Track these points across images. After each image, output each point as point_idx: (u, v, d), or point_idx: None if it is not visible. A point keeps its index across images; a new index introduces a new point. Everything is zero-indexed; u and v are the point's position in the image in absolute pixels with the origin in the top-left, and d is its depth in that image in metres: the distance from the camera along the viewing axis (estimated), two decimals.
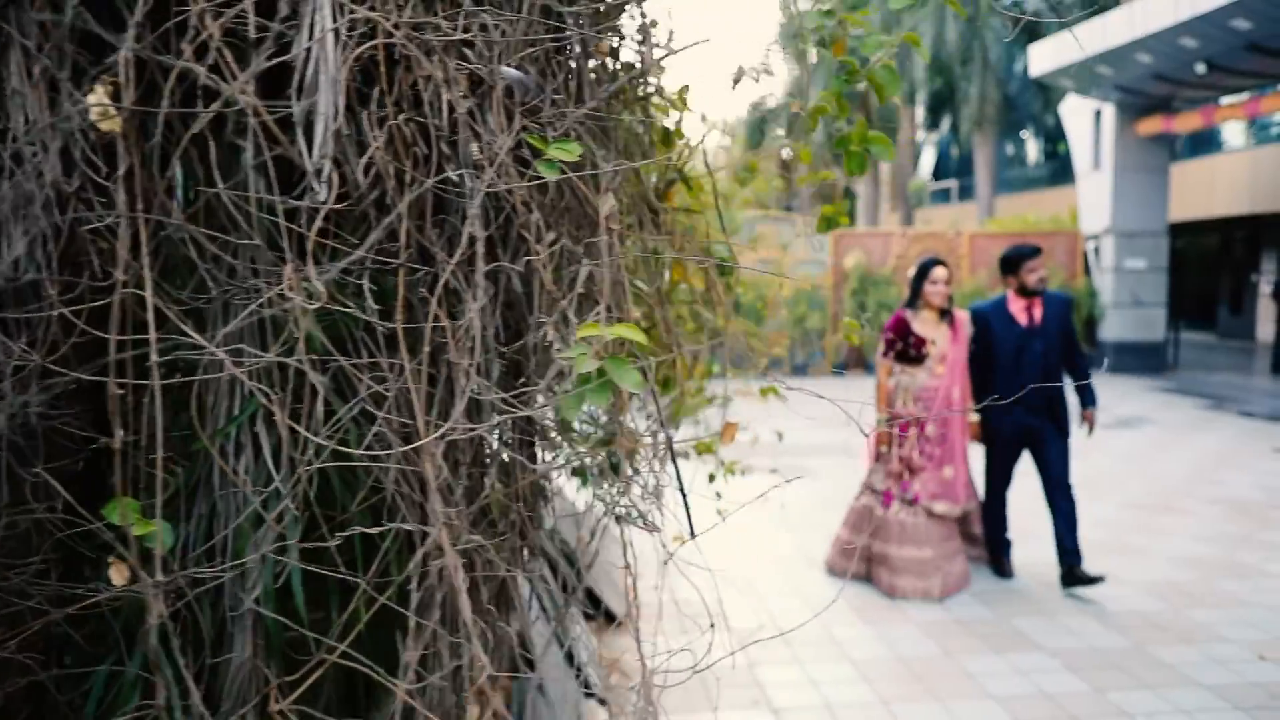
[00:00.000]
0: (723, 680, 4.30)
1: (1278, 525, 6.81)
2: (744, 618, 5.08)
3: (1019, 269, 5.46)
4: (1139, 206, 16.61)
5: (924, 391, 5.48)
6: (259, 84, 1.13)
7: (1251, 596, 5.32)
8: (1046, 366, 5.42)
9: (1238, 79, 14.41)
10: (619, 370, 1.00)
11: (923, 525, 5.40)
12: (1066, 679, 4.26)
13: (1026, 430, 5.49)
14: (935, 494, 5.44)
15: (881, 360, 5.60)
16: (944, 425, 5.46)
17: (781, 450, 9.93)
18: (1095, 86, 15.85)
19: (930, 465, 5.45)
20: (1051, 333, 5.45)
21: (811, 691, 4.18)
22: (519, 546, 1.67)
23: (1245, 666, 4.38)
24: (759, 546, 6.39)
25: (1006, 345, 5.47)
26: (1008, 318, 5.52)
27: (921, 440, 5.47)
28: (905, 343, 5.49)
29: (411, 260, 1.15)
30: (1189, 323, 26.83)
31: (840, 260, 17.35)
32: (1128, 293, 16.66)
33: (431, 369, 1.12)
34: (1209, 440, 10.26)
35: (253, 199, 1.14)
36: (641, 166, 1.98)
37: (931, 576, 5.34)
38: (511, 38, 1.23)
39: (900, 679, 4.30)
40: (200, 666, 1.23)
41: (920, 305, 5.51)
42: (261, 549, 1.10)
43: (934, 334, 5.48)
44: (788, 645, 4.70)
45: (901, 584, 5.36)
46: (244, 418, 1.08)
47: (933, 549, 5.38)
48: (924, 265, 5.56)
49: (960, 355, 5.51)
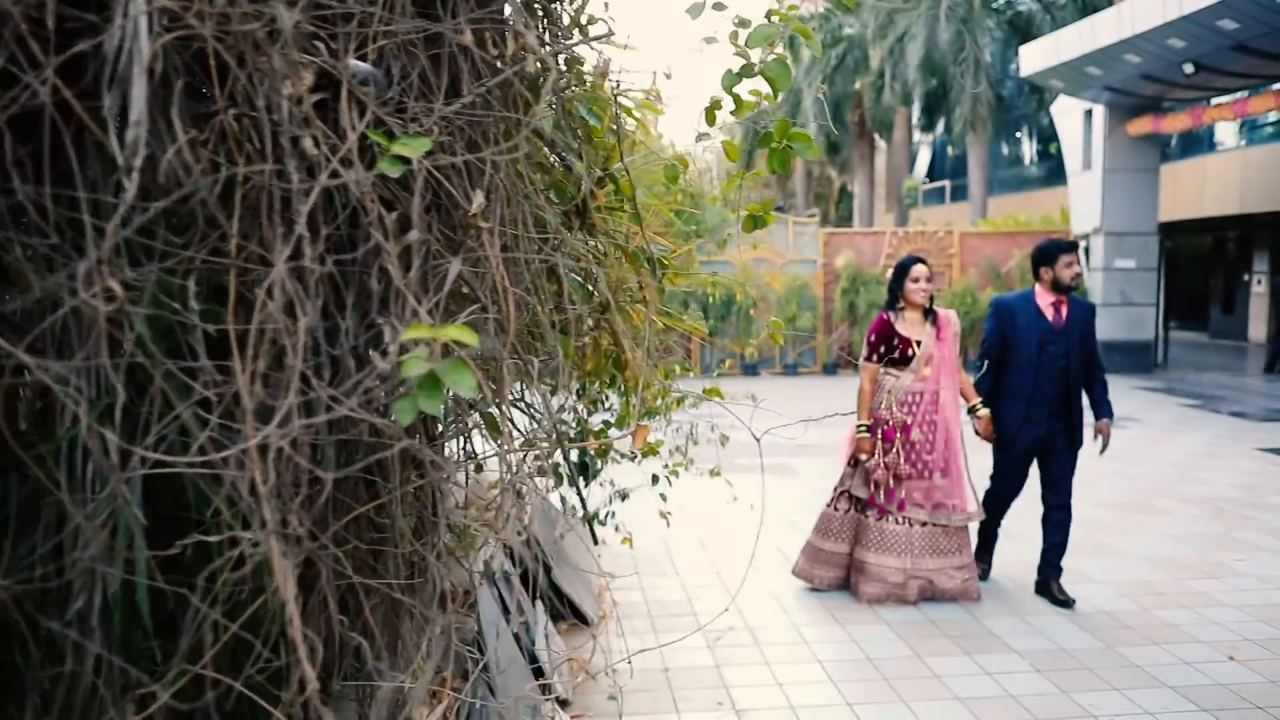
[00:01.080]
0: (689, 681, 4.30)
1: (1254, 524, 6.82)
2: (715, 618, 5.07)
3: (1055, 262, 5.15)
4: (1129, 206, 16.63)
5: (910, 395, 5.27)
6: (71, 76, 1.09)
7: (1223, 596, 5.32)
8: (1067, 371, 5.16)
9: (1227, 79, 14.41)
10: (452, 373, 0.99)
11: (904, 534, 5.20)
12: (1034, 680, 4.26)
13: (1047, 435, 5.22)
14: (926, 503, 5.22)
15: (865, 364, 5.36)
16: (935, 430, 5.25)
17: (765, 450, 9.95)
18: (1085, 87, 15.86)
19: (918, 472, 5.23)
20: (1074, 336, 5.16)
21: (777, 693, 4.18)
22: (406, 553, 1.64)
23: (1214, 667, 4.38)
24: (735, 546, 6.38)
25: (1030, 341, 5.15)
26: (1035, 311, 5.20)
27: (909, 446, 5.25)
28: (889, 345, 5.28)
29: (250, 261, 1.13)
30: (1182, 322, 26.87)
31: (831, 260, 17.35)
32: (1117, 292, 16.68)
33: (276, 371, 1.11)
34: (1193, 440, 10.27)
35: (47, 195, 1.11)
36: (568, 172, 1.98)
37: (908, 587, 5.19)
38: (371, 28, 1.21)
39: (867, 680, 4.30)
40: (55, 678, 1.22)
41: (902, 305, 5.31)
42: (82, 559, 1.09)
43: (918, 334, 5.27)
44: (757, 646, 4.70)
45: (873, 591, 5.23)
46: (78, 428, 1.07)
47: (913, 560, 5.19)
48: (903, 263, 5.37)
49: (947, 355, 5.28)
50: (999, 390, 5.31)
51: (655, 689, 4.24)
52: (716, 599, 5.39)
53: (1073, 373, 5.16)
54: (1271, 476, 8.42)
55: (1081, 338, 5.19)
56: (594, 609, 5.13)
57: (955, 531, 5.26)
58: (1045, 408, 5.17)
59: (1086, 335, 5.22)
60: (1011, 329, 5.23)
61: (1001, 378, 5.30)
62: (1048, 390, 5.16)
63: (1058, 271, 5.14)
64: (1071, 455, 5.26)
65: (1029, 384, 5.16)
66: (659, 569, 5.94)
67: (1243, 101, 14.25)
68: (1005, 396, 5.27)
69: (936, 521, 5.21)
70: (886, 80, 27.00)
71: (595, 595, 5.38)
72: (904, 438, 5.22)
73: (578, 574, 5.41)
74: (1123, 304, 16.72)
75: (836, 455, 5.68)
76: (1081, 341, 5.19)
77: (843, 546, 5.41)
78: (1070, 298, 5.23)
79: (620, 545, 6.43)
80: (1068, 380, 5.15)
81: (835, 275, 17.27)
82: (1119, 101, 16.21)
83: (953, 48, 23.72)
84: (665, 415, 5.05)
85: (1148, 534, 6.59)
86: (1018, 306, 5.27)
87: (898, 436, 5.21)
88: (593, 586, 5.46)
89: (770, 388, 15.59)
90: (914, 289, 5.24)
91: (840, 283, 17.10)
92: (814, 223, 17.89)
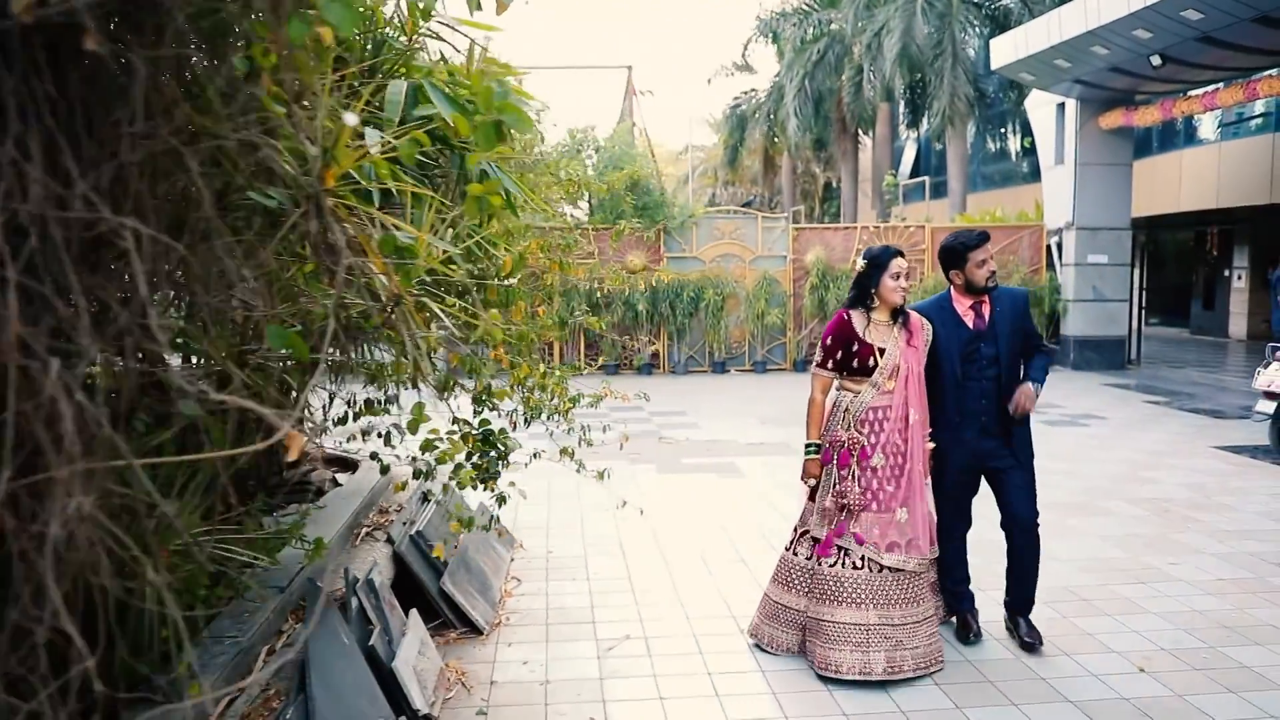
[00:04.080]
0: (568, 694, 4.08)
1: (1195, 526, 6.60)
2: (617, 626, 4.85)
3: (964, 263, 4.45)
4: (1102, 201, 16.43)
5: (870, 413, 4.35)
6: None
7: (1147, 602, 5.11)
8: (999, 377, 4.47)
9: (1195, 72, 14.20)
10: None
11: (864, 580, 4.25)
12: (929, 694, 4.05)
13: (980, 456, 4.52)
14: (885, 542, 4.29)
15: (817, 372, 4.47)
16: (899, 456, 4.34)
17: (713, 450, 9.73)
18: (1055, 80, 15.65)
19: (877, 506, 4.30)
20: (1003, 335, 4.46)
21: (655, 709, 3.94)
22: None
23: (1122, 680, 4.17)
24: (654, 552, 6.15)
25: (950, 354, 4.46)
26: (953, 319, 4.50)
27: (867, 474, 4.35)
28: (848, 351, 4.37)
29: None
30: (1163, 318, 26.69)
31: (801, 256, 17.12)
32: (1090, 288, 16.48)
33: None
34: (1151, 438, 10.06)
35: None
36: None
37: (874, 648, 4.17)
38: None
39: (754, 695, 4.08)
40: None
41: (874, 304, 4.38)
42: None
43: (884, 340, 4.35)
44: (649, 657, 4.47)
45: (834, 657, 4.18)
46: None
47: (878, 612, 4.23)
48: (879, 255, 4.39)
49: (917, 367, 4.39)
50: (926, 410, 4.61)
51: (530, 703, 4.02)
52: (623, 607, 5.16)
53: (1005, 379, 4.48)
54: (1223, 476, 8.21)
55: (1013, 335, 4.50)
56: (488, 616, 4.90)
57: (913, 576, 4.35)
58: (975, 426, 4.49)
59: (1019, 330, 4.53)
60: (931, 341, 4.51)
61: (928, 396, 4.54)
62: (974, 405, 4.48)
63: (969, 274, 4.45)
64: (1024, 470, 4.55)
65: (951, 403, 4.50)
66: (571, 574, 5.71)
67: (1212, 95, 14.04)
68: (931, 420, 4.52)
69: (894, 565, 4.28)
70: (865, 75, 26.77)
71: (496, 602, 5.16)
72: (862, 463, 4.34)
73: (476, 580, 5.19)
74: (1095, 300, 16.52)
75: (788, 458, 5.00)
76: (1012, 341, 4.50)
77: (801, 601, 4.46)
78: (995, 293, 4.52)
79: (536, 549, 6.22)
80: (999, 389, 4.48)
81: (805, 271, 17.04)
82: (1091, 95, 16.00)
83: (930, 42, 23.48)
84: (560, 414, 4.83)
85: (1085, 536, 6.38)
86: (934, 315, 4.53)
87: (853, 461, 4.34)
88: (493, 593, 5.23)
89: (738, 384, 15.36)
90: (892, 286, 4.30)
91: (810, 279, 16.87)
92: (784, 218, 17.63)
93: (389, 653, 3.85)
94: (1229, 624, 4.80)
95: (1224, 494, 7.54)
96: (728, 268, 16.77)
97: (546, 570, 5.78)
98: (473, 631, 4.75)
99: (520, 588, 5.48)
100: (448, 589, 4.81)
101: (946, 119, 23.63)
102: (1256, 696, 3.97)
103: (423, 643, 4.18)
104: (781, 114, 30.90)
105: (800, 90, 29.25)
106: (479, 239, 3.26)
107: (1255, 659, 4.35)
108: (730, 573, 5.64)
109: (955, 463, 4.54)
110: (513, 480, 4.69)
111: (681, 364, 16.78)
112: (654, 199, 16.28)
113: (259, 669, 3.34)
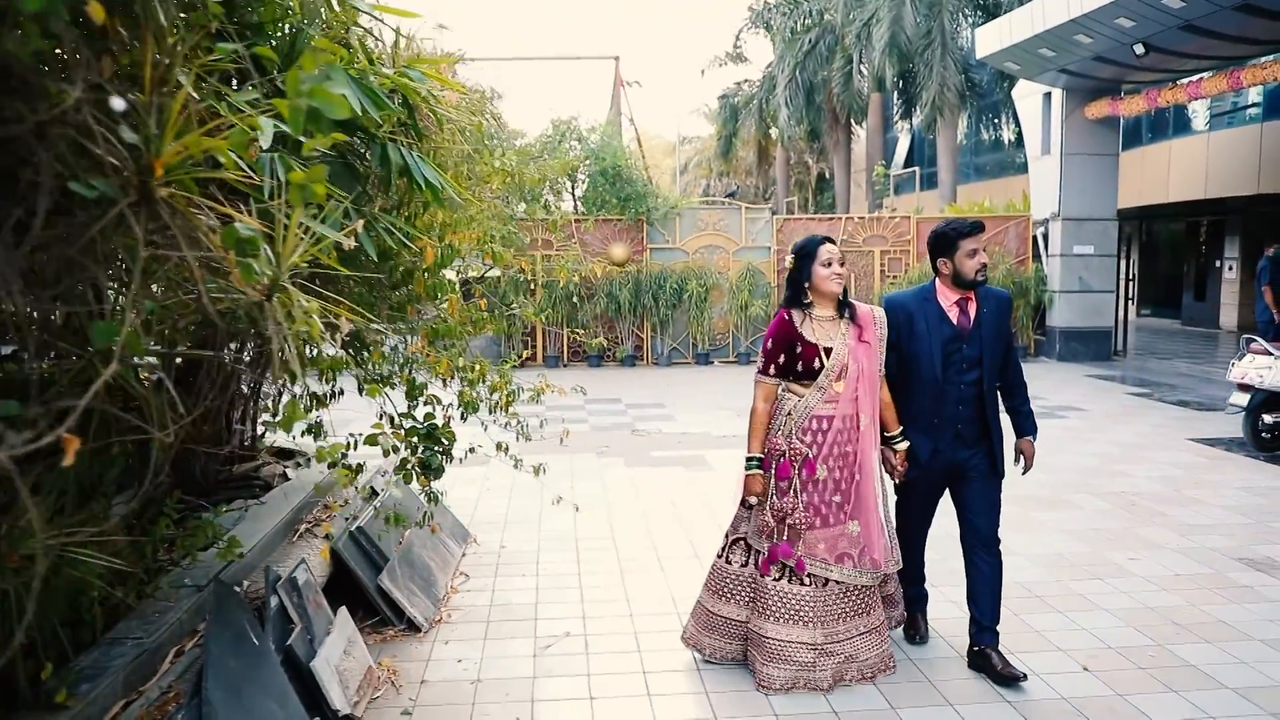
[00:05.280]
0: (497, 694, 4.00)
1: (1160, 520, 6.52)
2: (559, 623, 4.76)
3: (954, 250, 4.06)
4: (1088, 191, 16.30)
5: (814, 421, 4.02)
6: None
7: (1102, 599, 5.02)
8: (979, 385, 4.15)
9: (1179, 60, 14.08)
10: None
11: (810, 597, 4.00)
12: (864, 694, 3.96)
13: (954, 465, 4.21)
14: (835, 554, 4.02)
15: (761, 380, 4.09)
16: (848, 467, 4.03)
17: (684, 443, 9.63)
18: (1040, 70, 15.51)
19: (821, 522, 4.01)
20: (987, 341, 4.13)
21: (583, 710, 3.86)
22: None
23: (1063, 679, 4.09)
24: (608, 547, 6.06)
25: (931, 353, 4.10)
26: (937, 314, 4.13)
27: (810, 489, 4.02)
28: (791, 354, 4.03)
29: None
30: (1155, 309, 26.58)
31: (785, 247, 16.99)
32: (1076, 279, 16.37)
33: None
34: (1128, 430, 9.97)
35: None
36: None
37: (819, 668, 3.97)
38: None
39: (682, 695, 3.99)
40: None
41: (809, 300, 4.06)
42: None
43: (830, 338, 4.02)
44: (585, 656, 4.39)
45: (779, 675, 3.97)
46: None
47: (824, 630, 4.00)
48: (805, 244, 4.10)
49: (868, 366, 4.05)
50: (895, 412, 4.26)
51: (457, 702, 3.94)
52: (568, 603, 5.07)
53: (986, 387, 4.16)
54: (1195, 469, 8.12)
55: (995, 341, 4.16)
56: (428, 613, 4.81)
57: (864, 589, 4.11)
58: (951, 433, 4.16)
59: (1001, 337, 4.20)
60: (909, 337, 4.16)
61: (896, 398, 4.24)
62: (952, 411, 4.15)
63: (958, 263, 4.06)
64: (993, 480, 4.25)
65: (929, 407, 4.15)
66: (521, 569, 5.62)
67: (1196, 84, 13.91)
68: (903, 422, 4.23)
69: (844, 579, 4.04)
70: (855, 65, 26.63)
71: (440, 598, 5.07)
72: (805, 475, 4.00)
73: (420, 576, 5.10)
74: (1081, 290, 16.40)
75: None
76: (995, 346, 4.16)
77: (741, 611, 4.19)
78: (980, 291, 4.16)
79: (491, 544, 6.14)
80: (980, 397, 4.16)
81: None
82: (1076, 85, 15.87)
83: (920, 32, 23.33)
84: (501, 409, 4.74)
85: (1048, 531, 6.29)
86: (915, 308, 4.17)
87: (795, 473, 4.00)
88: (438, 589, 5.14)
89: (719, 376, 15.21)
90: (825, 275, 4.00)
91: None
92: (768, 209, 17.50)
93: (309, 652, 3.77)
94: (1181, 621, 4.72)
95: (1193, 487, 7.45)
96: (711, 259, 16.65)
97: (497, 566, 5.70)
98: (411, 629, 4.67)
99: (468, 584, 5.39)
100: (385, 586, 4.73)
101: (936, 109, 23.50)
102: (1197, 696, 3.89)
103: (350, 641, 4.09)
104: (773, 104, 30.80)
105: (791, 80, 29.14)
106: (399, 230, 3.17)
107: (1202, 657, 4.27)
108: (682, 569, 5.55)
109: (926, 470, 4.22)
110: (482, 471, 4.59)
111: (665, 355, 16.68)
112: (636, 190, 16.15)
113: (162, 671, 3.26)
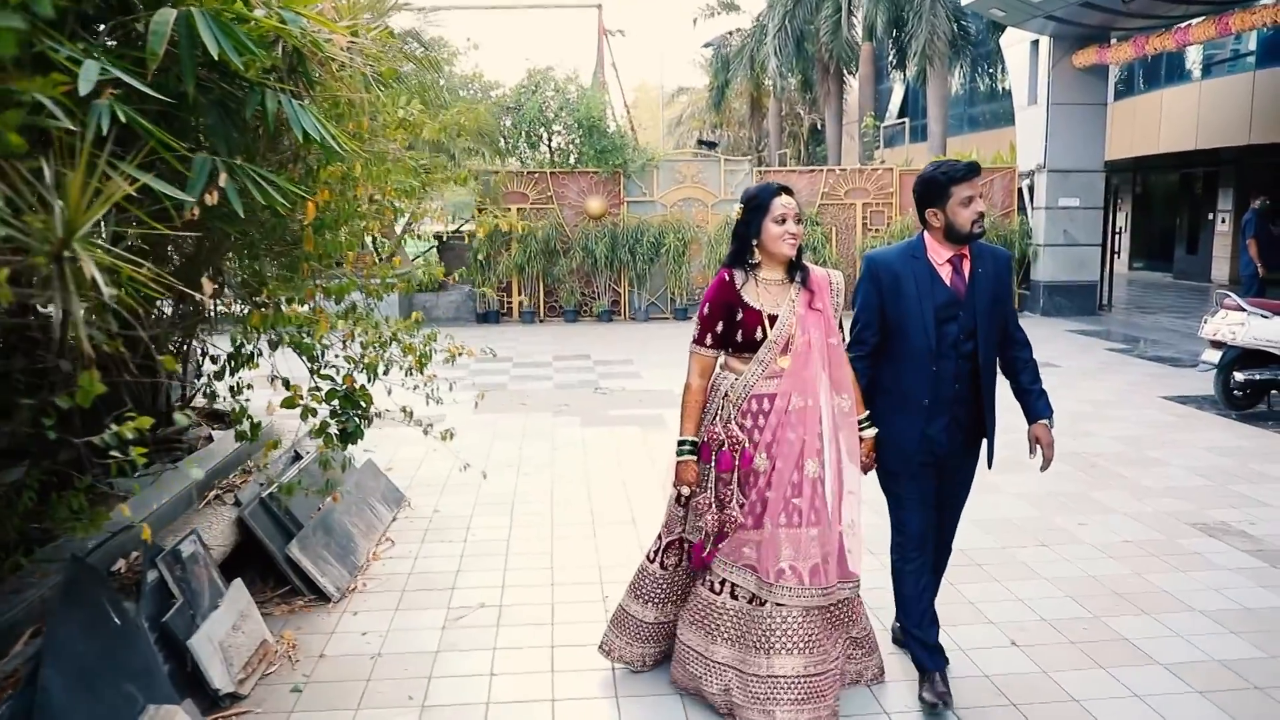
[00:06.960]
0: (394, 669, 3.82)
1: (1119, 483, 6.32)
2: (476, 592, 4.58)
3: (946, 197, 3.38)
4: (1074, 142, 15.93)
5: (753, 402, 3.38)
6: None
7: (1043, 567, 4.83)
8: (974, 358, 3.50)
9: (1168, 6, 13.67)
10: None
11: (732, 611, 3.41)
12: None
13: (944, 455, 3.56)
14: (773, 570, 3.31)
15: (696, 351, 3.46)
16: (796, 456, 3.33)
17: (645, 401, 9.42)
18: (1027, 16, 15.07)
19: (754, 522, 3.36)
20: (983, 306, 3.46)
21: (480, 686, 3.68)
22: None
23: (988, 655, 3.91)
24: (547, 511, 5.87)
25: (923, 318, 3.44)
26: (927, 274, 3.46)
27: (750, 483, 3.38)
28: (731, 322, 3.40)
29: None
30: (1148, 263, 26.25)
31: None
32: (1061, 232, 16.06)
33: None
34: (1102, 387, 9.76)
35: None
36: None
37: (731, 689, 3.37)
38: None
39: (582, 672, 3.80)
40: None
41: (755, 260, 3.42)
42: None
43: (775, 305, 3.38)
44: (496, 628, 4.20)
45: (683, 682, 3.58)
46: None
47: (734, 651, 3.39)
48: (758, 193, 3.38)
49: (820, 337, 3.37)
50: (875, 392, 3.61)
51: (352, 678, 3.76)
52: (490, 571, 4.89)
53: (983, 361, 3.51)
54: (1162, 428, 7.92)
55: (992, 307, 3.50)
56: (341, 583, 4.63)
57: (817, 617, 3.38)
58: (945, 416, 3.51)
59: (999, 302, 3.53)
60: (895, 300, 3.48)
61: (880, 374, 3.60)
62: (947, 390, 3.49)
63: (951, 214, 3.38)
64: (970, 464, 3.72)
65: (923, 383, 3.47)
66: (449, 535, 5.43)
67: (1184, 30, 13.51)
68: (887, 403, 3.57)
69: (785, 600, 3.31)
70: (844, 12, 26.05)
71: (358, 566, 4.88)
72: (742, 469, 3.38)
73: (338, 543, 4.91)
74: (1066, 244, 16.11)
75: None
76: (992, 313, 3.50)
77: (667, 613, 3.70)
78: (975, 248, 3.51)
79: (424, 508, 5.95)
80: (975, 373, 3.52)
81: None
82: (1064, 32, 15.43)
83: None
84: (417, 370, 4.51)
85: (1001, 494, 6.07)
86: (901, 267, 3.49)
87: (735, 463, 3.37)
88: (357, 556, 4.96)
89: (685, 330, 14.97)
90: (777, 234, 3.33)
91: None
92: (747, 161, 17.14)
93: (190, 628, 3.58)
94: (1121, 590, 4.53)
95: (1157, 447, 7.25)
96: (689, 212, 16.33)
97: (426, 531, 5.51)
98: (322, 599, 4.49)
99: (391, 550, 5.21)
100: (294, 555, 4.54)
101: (926, 58, 23.01)
102: (1125, 673, 3.71)
103: (242, 615, 3.90)
104: (763, 54, 30.17)
105: (781, 29, 28.49)
106: (278, 184, 2.91)
107: (1136, 630, 4.09)
108: (614, 535, 5.36)
109: (916, 456, 3.53)
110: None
111: (643, 310, 16.42)
112: (612, 141, 15.78)
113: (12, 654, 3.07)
